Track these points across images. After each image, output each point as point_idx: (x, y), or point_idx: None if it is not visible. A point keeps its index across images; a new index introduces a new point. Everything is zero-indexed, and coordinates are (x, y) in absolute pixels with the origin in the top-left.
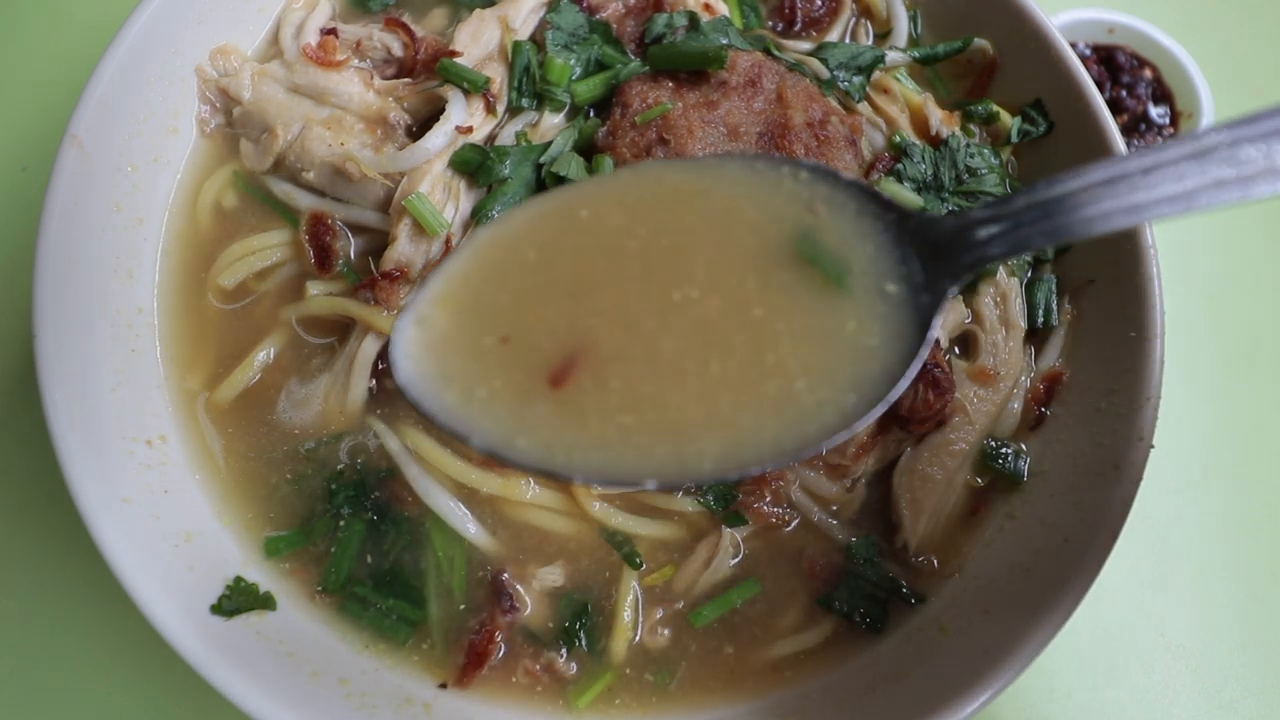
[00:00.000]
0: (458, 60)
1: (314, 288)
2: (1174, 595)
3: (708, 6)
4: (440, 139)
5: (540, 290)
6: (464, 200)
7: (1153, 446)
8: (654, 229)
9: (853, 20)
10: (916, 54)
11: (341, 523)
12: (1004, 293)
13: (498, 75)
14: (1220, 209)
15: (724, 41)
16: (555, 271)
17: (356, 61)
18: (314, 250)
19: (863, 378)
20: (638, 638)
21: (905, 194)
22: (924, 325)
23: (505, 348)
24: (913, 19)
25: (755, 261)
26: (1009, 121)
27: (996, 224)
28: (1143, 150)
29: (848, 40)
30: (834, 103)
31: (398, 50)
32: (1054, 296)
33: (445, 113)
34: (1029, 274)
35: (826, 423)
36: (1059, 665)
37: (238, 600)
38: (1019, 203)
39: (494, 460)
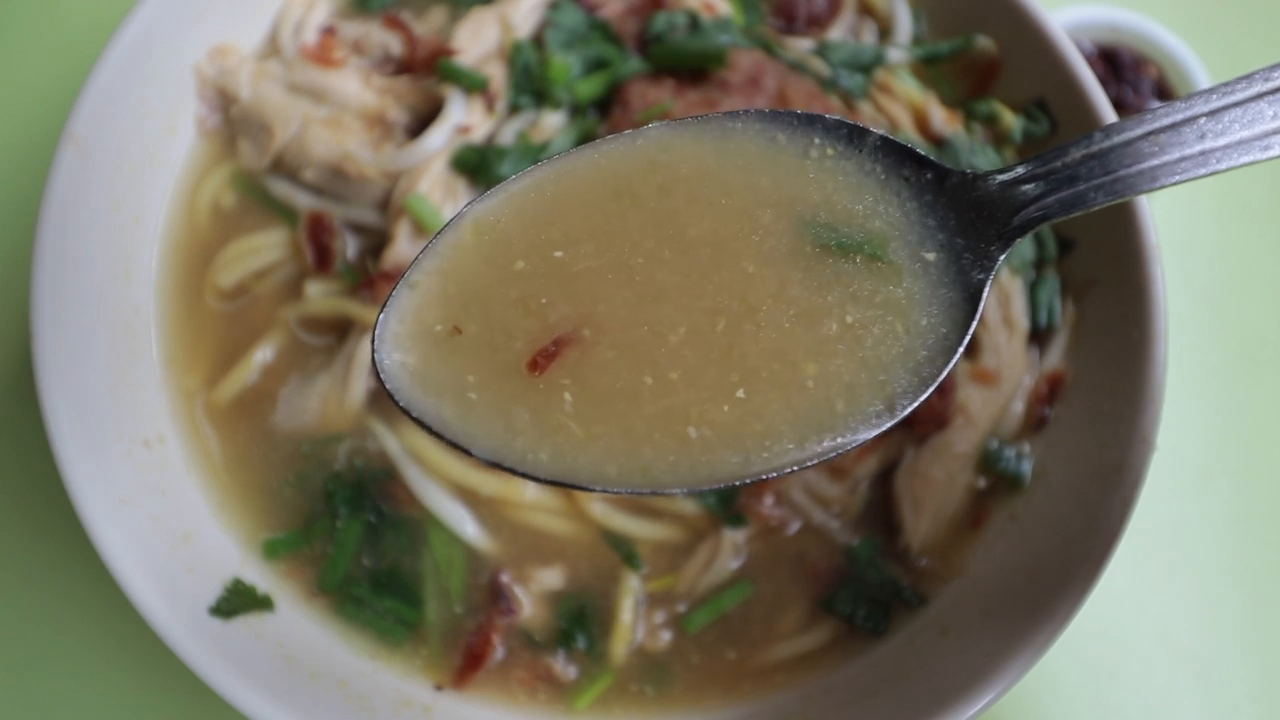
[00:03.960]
0: (457, 59)
1: (313, 287)
2: (1177, 597)
3: (708, 5)
4: (439, 138)
5: (536, 285)
6: (463, 200)
7: (1156, 448)
8: (663, 209)
9: (854, 19)
10: (919, 53)
11: (339, 524)
12: (1007, 293)
13: (497, 74)
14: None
15: (725, 40)
16: (553, 259)
17: (355, 60)
18: (312, 250)
19: (905, 360)
20: (638, 640)
21: None
22: (972, 299)
23: (500, 347)
24: (915, 17)
25: (776, 238)
26: (1012, 120)
27: (1048, 179)
28: (1208, 90)
29: (849, 39)
30: (835, 102)
31: (397, 49)
32: (1057, 297)
33: (444, 112)
34: (1032, 274)
35: (866, 413)
36: (1061, 667)
37: (236, 601)
38: (1073, 154)
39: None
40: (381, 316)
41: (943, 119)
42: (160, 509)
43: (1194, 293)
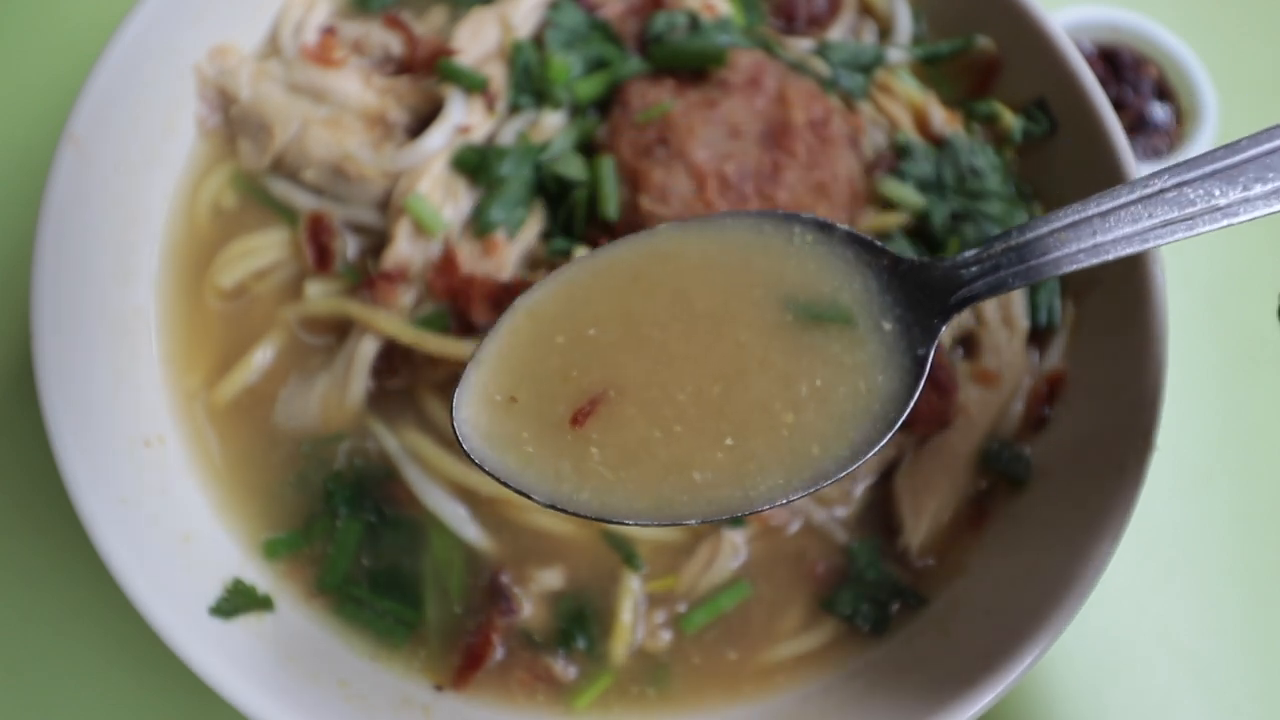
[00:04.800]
0: (457, 59)
1: (313, 287)
2: (1177, 597)
3: (708, 5)
4: (439, 138)
5: (573, 358)
6: (463, 199)
7: (1156, 448)
8: (673, 292)
9: (855, 19)
10: (919, 52)
11: (339, 524)
12: (1007, 294)
13: (497, 74)
14: (1169, 244)
15: (725, 40)
16: (587, 336)
17: (356, 60)
18: (313, 250)
19: (867, 412)
20: (638, 640)
21: (907, 194)
22: (919, 360)
23: (546, 410)
24: (915, 17)
25: (763, 311)
26: (1011, 120)
27: (979, 266)
28: (1100, 195)
29: (849, 39)
30: (836, 102)
31: (397, 49)
32: (1057, 297)
33: (444, 112)
34: None
35: (839, 456)
36: (1062, 668)
37: (236, 602)
38: (997, 248)
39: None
40: (457, 390)
41: (943, 119)
42: (160, 509)
43: (1194, 293)
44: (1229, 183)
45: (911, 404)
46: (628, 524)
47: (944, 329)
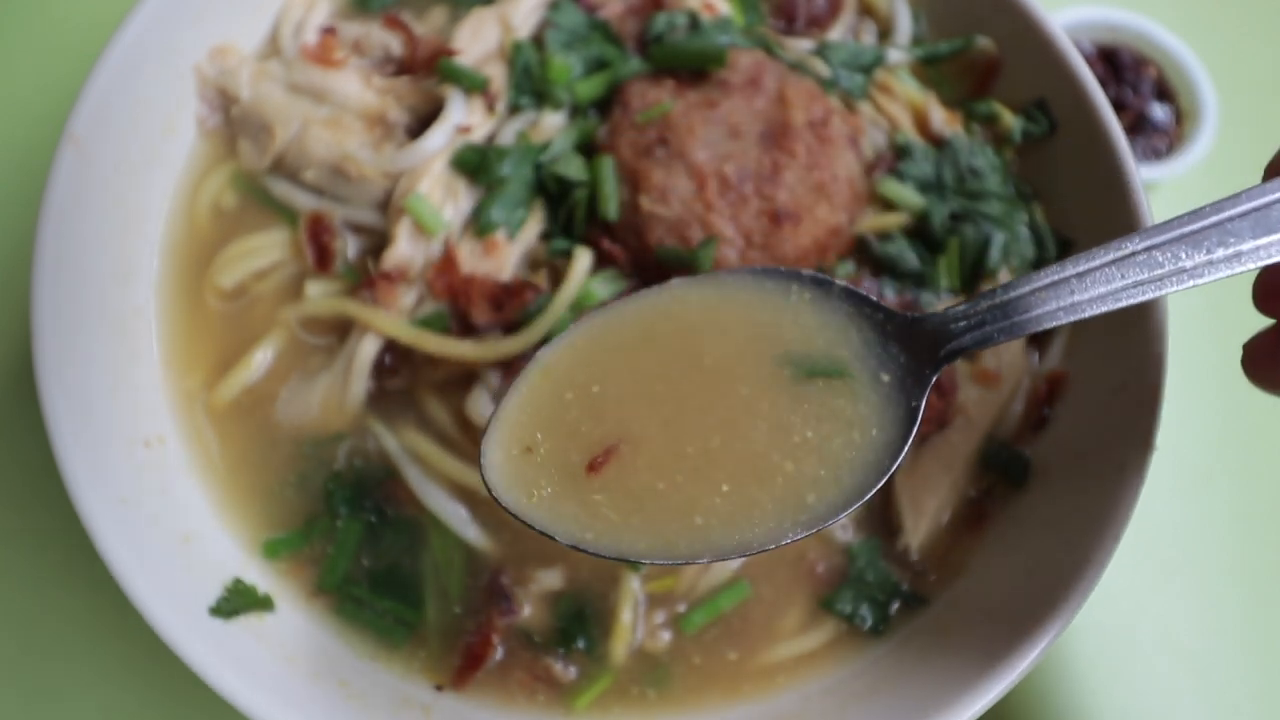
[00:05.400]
0: (457, 59)
1: (313, 288)
2: (1177, 597)
3: (709, 5)
4: (440, 138)
5: (586, 411)
6: (463, 199)
7: (1156, 448)
8: (680, 347)
9: (854, 19)
10: (919, 53)
11: (339, 524)
12: None
13: (497, 74)
14: (1139, 303)
15: (725, 40)
16: (600, 388)
17: (356, 60)
18: (313, 250)
19: (861, 460)
20: (638, 641)
21: (907, 194)
22: (912, 411)
23: (561, 460)
24: (915, 18)
25: (764, 365)
26: (1011, 121)
27: (967, 320)
28: (1076, 257)
29: (849, 39)
30: (835, 102)
31: (397, 49)
32: None
33: (444, 112)
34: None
35: (833, 503)
36: (1061, 668)
37: (236, 602)
38: (983, 305)
39: None
40: (483, 441)
41: (942, 119)
42: (160, 509)
43: (1194, 293)
44: (1194, 247)
45: (904, 453)
46: (631, 561)
47: (933, 379)
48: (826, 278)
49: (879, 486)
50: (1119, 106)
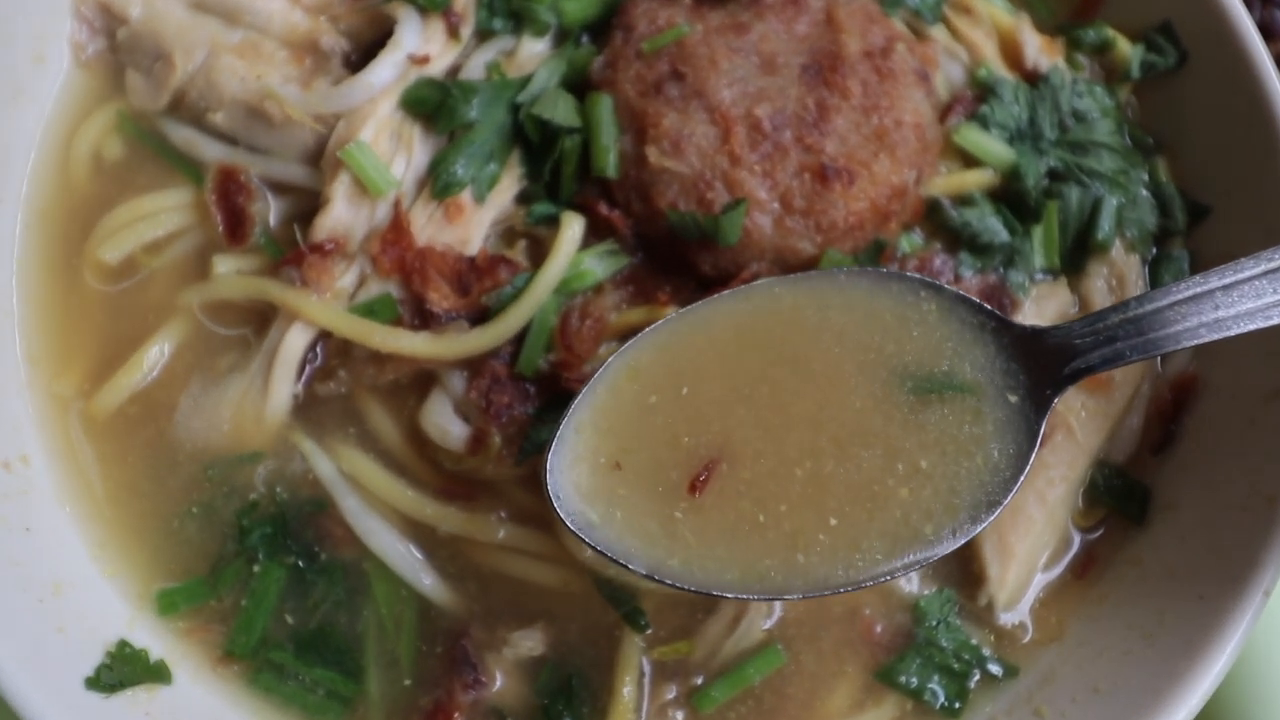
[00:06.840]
0: None
1: (222, 264)
2: None
3: None
4: (388, 71)
5: (679, 415)
6: (418, 150)
7: None
8: (783, 351)
9: None
10: None
11: (256, 569)
12: (1121, 273)
13: None
14: None
15: None
16: (683, 401)
17: None
18: (223, 215)
19: (980, 487)
20: None
21: (992, 145)
22: (1031, 435)
23: (652, 476)
24: None
25: (881, 380)
26: (1128, 51)
27: (1094, 336)
28: (1223, 268)
29: None
30: (899, 25)
31: None
32: (1186, 268)
33: (394, 37)
34: (1153, 250)
35: (946, 533)
36: None
37: (121, 671)
38: (1113, 319)
39: (460, 492)
40: (551, 453)
41: (1038, 48)
42: (23, 550)
43: None
44: None
45: (1019, 483)
46: (728, 596)
47: (1056, 401)
48: (933, 281)
49: (990, 520)
50: (1267, 32)
